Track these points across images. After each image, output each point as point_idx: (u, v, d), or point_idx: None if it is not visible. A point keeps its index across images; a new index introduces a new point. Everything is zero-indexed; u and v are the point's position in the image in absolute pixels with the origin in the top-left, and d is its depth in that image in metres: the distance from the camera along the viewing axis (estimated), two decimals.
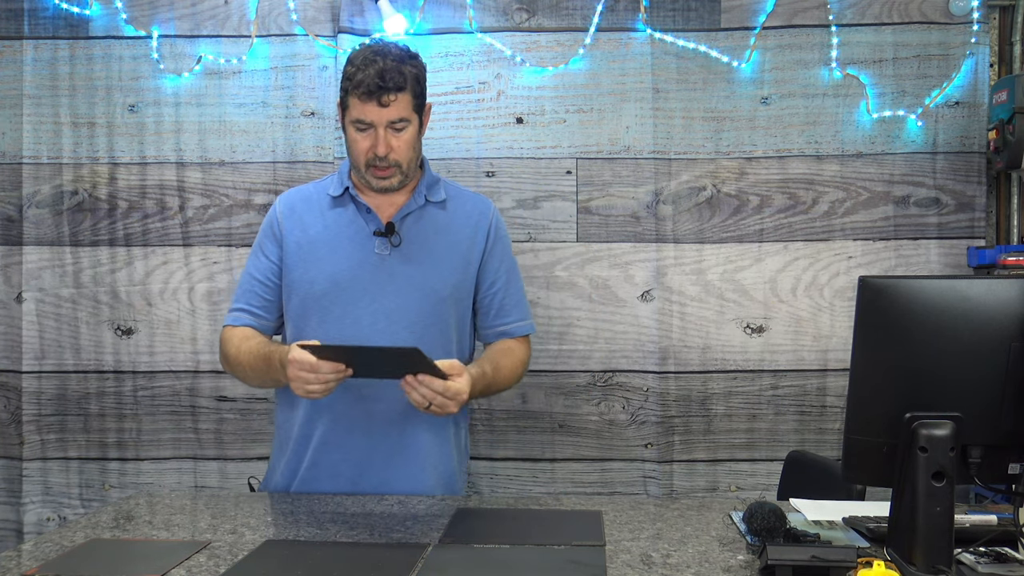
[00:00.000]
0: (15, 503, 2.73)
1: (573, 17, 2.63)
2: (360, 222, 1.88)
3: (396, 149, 1.81)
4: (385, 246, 1.85)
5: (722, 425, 2.63)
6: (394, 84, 1.76)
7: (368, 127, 1.80)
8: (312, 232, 1.89)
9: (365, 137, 1.81)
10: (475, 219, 1.94)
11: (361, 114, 1.79)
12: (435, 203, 1.92)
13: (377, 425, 1.83)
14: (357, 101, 1.78)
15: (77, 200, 2.71)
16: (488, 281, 1.93)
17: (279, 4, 2.66)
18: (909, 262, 2.60)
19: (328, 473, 1.84)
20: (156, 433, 2.71)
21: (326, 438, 1.85)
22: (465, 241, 1.91)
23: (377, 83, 1.75)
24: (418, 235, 1.88)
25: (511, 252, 2.00)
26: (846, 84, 2.59)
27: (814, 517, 1.50)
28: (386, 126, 1.79)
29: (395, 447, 1.84)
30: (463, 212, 1.94)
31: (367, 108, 1.77)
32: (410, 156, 1.84)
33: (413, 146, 1.85)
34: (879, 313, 1.28)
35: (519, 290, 1.98)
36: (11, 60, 2.71)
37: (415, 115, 1.83)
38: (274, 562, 1.34)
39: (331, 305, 1.85)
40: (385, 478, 1.83)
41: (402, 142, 1.81)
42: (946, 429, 1.22)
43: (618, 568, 1.29)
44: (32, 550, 1.39)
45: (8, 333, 2.73)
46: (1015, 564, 1.27)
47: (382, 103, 1.76)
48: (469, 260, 1.91)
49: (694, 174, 2.63)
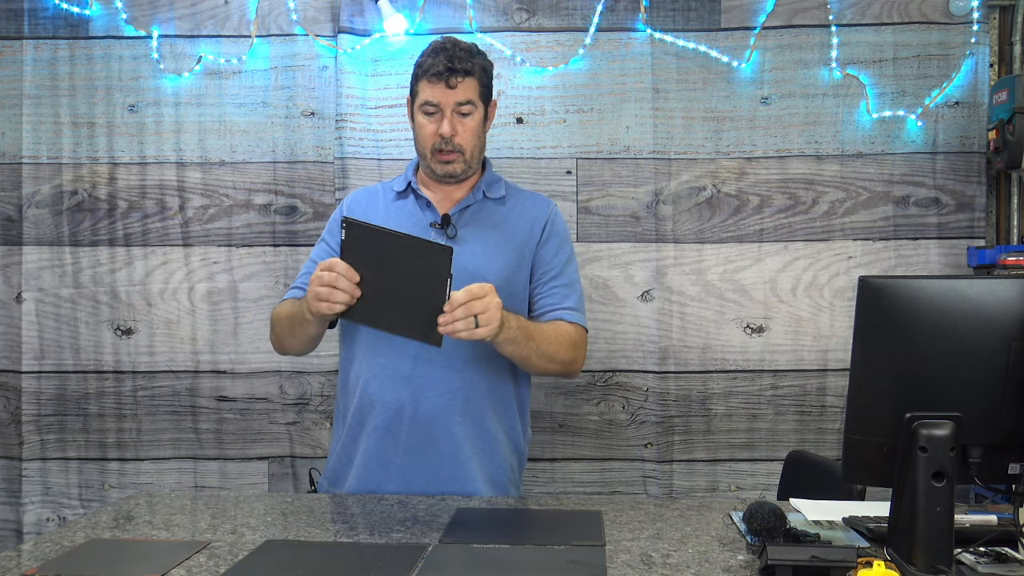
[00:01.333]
0: (15, 503, 2.73)
1: (573, 17, 2.63)
2: (419, 214, 1.93)
3: (461, 133, 1.87)
4: (440, 237, 1.88)
5: (722, 425, 2.63)
6: (462, 68, 1.84)
7: (436, 110, 1.86)
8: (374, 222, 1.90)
9: (432, 121, 1.87)
10: (532, 215, 1.96)
11: (430, 96, 1.86)
12: (494, 199, 1.96)
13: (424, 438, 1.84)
14: (426, 84, 1.86)
15: (77, 200, 2.71)
16: (541, 271, 1.93)
17: (279, 4, 2.66)
18: (909, 262, 2.60)
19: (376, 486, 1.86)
20: (156, 433, 2.71)
21: (369, 455, 1.86)
22: (521, 235, 1.93)
23: (447, 65, 1.84)
24: (474, 228, 1.91)
25: (569, 251, 1.98)
26: (846, 84, 2.59)
27: (814, 517, 1.50)
28: (453, 108, 1.86)
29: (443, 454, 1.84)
30: (521, 208, 1.97)
31: (436, 89, 1.85)
32: (474, 143, 1.90)
33: (477, 134, 1.91)
34: (879, 313, 1.28)
35: (573, 284, 1.95)
36: (11, 60, 2.71)
37: (481, 103, 1.90)
38: (274, 562, 1.34)
39: None
40: (433, 482, 1.83)
41: (467, 127, 1.88)
42: (946, 429, 1.21)
43: (618, 568, 1.29)
44: (32, 550, 1.39)
45: (8, 333, 2.73)
46: (1015, 564, 1.27)
47: (450, 84, 1.84)
48: (524, 255, 1.92)
49: (694, 174, 2.63)
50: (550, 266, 1.94)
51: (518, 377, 1.94)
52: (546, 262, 1.94)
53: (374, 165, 2.64)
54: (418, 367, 1.83)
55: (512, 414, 1.92)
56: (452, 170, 1.90)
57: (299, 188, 2.68)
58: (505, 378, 1.90)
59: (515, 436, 1.94)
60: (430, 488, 1.81)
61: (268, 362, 2.68)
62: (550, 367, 1.86)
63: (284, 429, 2.69)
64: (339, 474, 1.91)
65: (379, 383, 1.85)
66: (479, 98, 1.89)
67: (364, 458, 1.86)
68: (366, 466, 1.85)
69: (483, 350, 1.84)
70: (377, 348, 1.86)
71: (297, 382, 2.69)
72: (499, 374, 1.89)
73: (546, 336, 1.83)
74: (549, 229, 1.96)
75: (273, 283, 2.68)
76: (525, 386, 1.97)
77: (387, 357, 1.85)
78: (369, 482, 1.85)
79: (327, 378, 2.68)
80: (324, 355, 2.64)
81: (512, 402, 1.92)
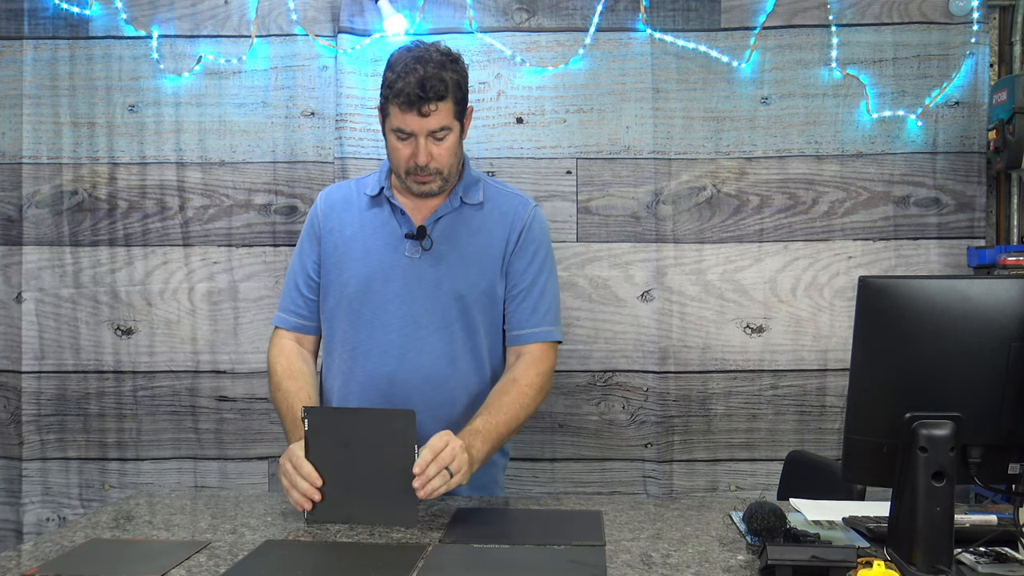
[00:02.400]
0: (15, 503, 2.73)
1: (573, 17, 2.63)
2: (393, 224, 1.86)
3: (437, 157, 1.77)
4: (416, 249, 1.83)
5: (722, 425, 2.63)
6: (435, 93, 1.71)
7: (409, 136, 1.76)
8: (348, 232, 1.88)
9: (406, 145, 1.77)
10: (509, 220, 1.88)
11: (402, 124, 1.75)
12: (472, 205, 1.88)
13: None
14: (397, 111, 1.74)
15: (77, 200, 2.71)
16: (511, 283, 1.87)
17: (279, 4, 2.66)
18: (909, 262, 2.60)
19: None
20: (156, 433, 2.71)
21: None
22: (497, 243, 1.87)
23: (418, 93, 1.70)
24: (450, 238, 1.85)
25: (545, 255, 1.91)
26: (846, 84, 2.59)
27: (814, 517, 1.50)
28: (427, 135, 1.75)
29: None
30: (499, 213, 1.88)
31: (408, 118, 1.73)
32: (451, 163, 1.81)
33: (454, 152, 1.81)
34: (879, 313, 1.28)
35: (544, 293, 1.89)
36: (11, 60, 2.71)
37: (456, 122, 1.79)
38: (274, 562, 1.34)
39: (361, 308, 1.84)
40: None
41: (443, 150, 1.77)
42: (946, 429, 1.21)
43: (618, 568, 1.29)
44: (32, 550, 1.39)
45: (8, 333, 2.73)
46: (1015, 564, 1.27)
47: (423, 113, 1.72)
48: (502, 262, 1.87)
49: (694, 174, 2.63)
50: (521, 278, 1.87)
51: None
52: (517, 274, 1.87)
53: (374, 165, 2.63)
54: (396, 384, 1.81)
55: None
56: (429, 190, 1.82)
57: (299, 188, 2.68)
58: (488, 388, 1.86)
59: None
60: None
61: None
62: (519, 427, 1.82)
63: (284, 429, 2.69)
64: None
65: (358, 400, 1.83)
66: (454, 118, 1.77)
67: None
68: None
69: (464, 361, 1.83)
70: (353, 365, 1.85)
71: None
72: (483, 384, 1.86)
73: (512, 417, 1.76)
74: (524, 236, 1.87)
75: (273, 283, 2.68)
76: None
77: (365, 373, 1.83)
78: None
79: None
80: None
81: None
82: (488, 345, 1.88)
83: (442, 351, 1.83)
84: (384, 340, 1.82)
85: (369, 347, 1.83)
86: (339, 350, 1.87)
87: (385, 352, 1.82)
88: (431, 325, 1.83)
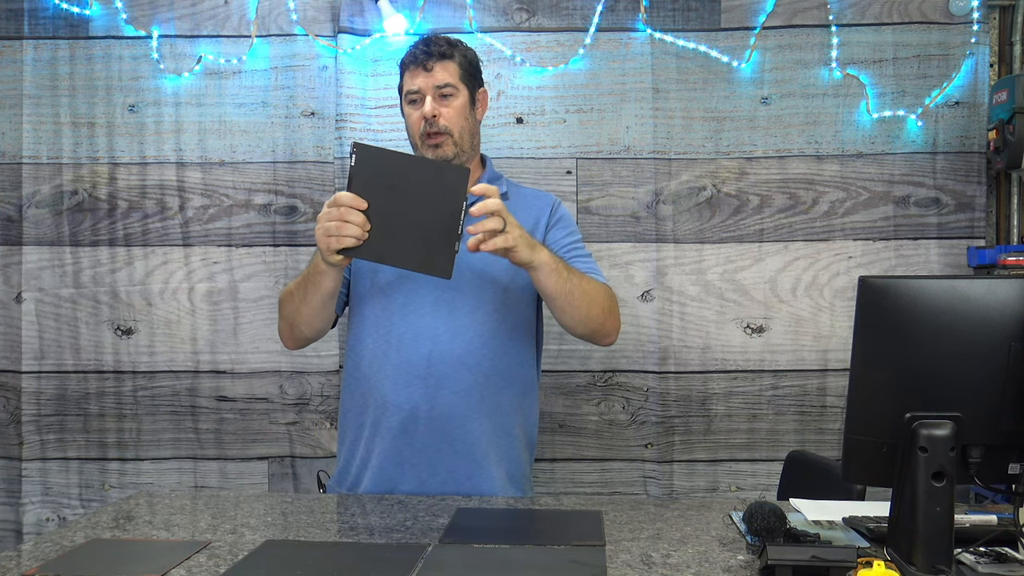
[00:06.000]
0: (15, 503, 2.73)
1: (573, 17, 2.63)
2: None
3: (444, 115, 1.85)
4: None
5: (722, 425, 2.63)
6: (438, 51, 1.85)
7: (418, 96, 1.86)
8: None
9: (416, 108, 1.87)
10: (538, 207, 1.94)
11: (410, 84, 1.87)
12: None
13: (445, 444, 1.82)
14: (408, 75, 1.88)
15: (77, 200, 2.71)
16: (558, 248, 1.87)
17: (279, 4, 2.66)
18: (909, 262, 2.60)
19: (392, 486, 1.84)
20: (156, 433, 2.71)
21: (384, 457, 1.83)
22: (529, 223, 1.87)
23: (423, 49, 1.85)
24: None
25: (580, 236, 1.96)
26: (846, 84, 2.59)
27: (814, 517, 1.50)
28: (433, 92, 1.85)
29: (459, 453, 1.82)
30: (525, 204, 1.93)
31: (415, 76, 1.86)
32: (461, 125, 1.87)
33: (464, 115, 1.88)
34: (879, 313, 1.27)
35: (590, 259, 1.92)
36: (11, 60, 2.71)
37: (463, 86, 1.88)
38: (274, 562, 1.34)
39: (394, 292, 1.85)
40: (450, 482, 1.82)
41: (451, 108, 1.86)
42: (946, 429, 1.21)
43: (618, 568, 1.29)
44: (32, 550, 1.39)
45: (8, 333, 2.73)
46: (1015, 564, 1.27)
47: (427, 68, 1.85)
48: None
49: (694, 174, 2.63)
50: (564, 241, 1.90)
51: (537, 368, 1.93)
52: (559, 240, 1.90)
53: None
54: (432, 366, 1.81)
55: (527, 408, 1.91)
56: (443, 154, 1.85)
57: (299, 188, 2.68)
58: (521, 372, 1.88)
59: (530, 430, 1.94)
60: (446, 488, 1.80)
61: (268, 362, 2.69)
62: (592, 311, 1.79)
63: (284, 429, 2.69)
64: (350, 476, 1.88)
65: (392, 384, 1.82)
66: (460, 81, 1.87)
67: (379, 460, 1.83)
68: (381, 467, 1.82)
69: (497, 343, 1.83)
70: (387, 349, 1.84)
71: (297, 382, 2.69)
72: (516, 368, 1.87)
73: (579, 275, 1.77)
74: (557, 212, 1.95)
75: (273, 283, 2.68)
76: (537, 377, 1.96)
77: (400, 357, 1.82)
78: (384, 483, 1.82)
79: (327, 378, 2.68)
80: (324, 355, 2.65)
81: (527, 395, 1.91)
82: (524, 328, 1.90)
83: (476, 332, 1.83)
84: (418, 324, 1.82)
85: (403, 331, 1.83)
86: (371, 336, 1.86)
87: (419, 335, 1.82)
88: (464, 308, 1.83)
